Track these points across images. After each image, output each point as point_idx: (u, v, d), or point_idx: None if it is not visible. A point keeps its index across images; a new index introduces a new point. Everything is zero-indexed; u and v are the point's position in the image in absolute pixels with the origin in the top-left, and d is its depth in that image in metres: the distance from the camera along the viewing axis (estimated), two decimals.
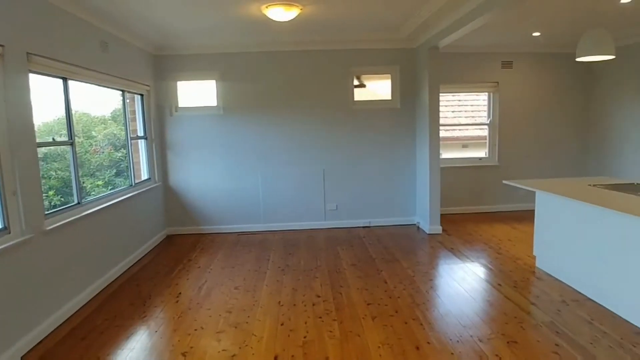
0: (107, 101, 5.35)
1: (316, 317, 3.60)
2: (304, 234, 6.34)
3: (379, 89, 6.62)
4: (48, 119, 4.16)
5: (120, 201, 4.88)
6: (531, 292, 4.00)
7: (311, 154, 6.51)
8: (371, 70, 6.53)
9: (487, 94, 7.24)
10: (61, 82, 3.97)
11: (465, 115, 7.46)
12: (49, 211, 3.71)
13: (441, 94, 6.09)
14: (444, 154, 7.12)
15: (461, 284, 4.25)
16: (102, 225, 4.50)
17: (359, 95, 6.54)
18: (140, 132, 5.89)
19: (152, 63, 6.09)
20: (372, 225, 6.67)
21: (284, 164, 6.49)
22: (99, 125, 5.31)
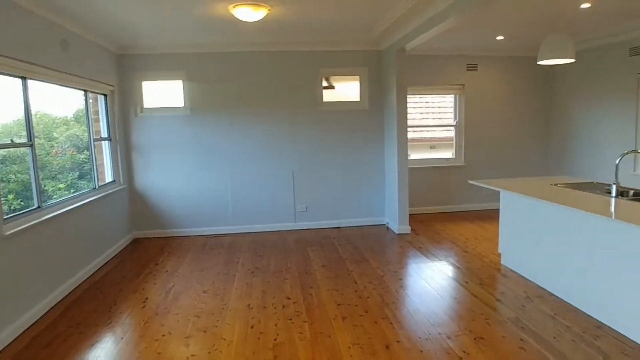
0: (70, 101, 5.18)
1: (286, 319, 3.58)
2: (273, 235, 6.31)
3: (347, 90, 6.66)
4: (6, 120, 4.00)
5: (83, 205, 4.73)
6: (497, 289, 4.09)
7: (280, 155, 6.48)
8: (340, 72, 6.56)
9: (453, 96, 7.39)
10: (20, 81, 3.83)
11: (433, 117, 7.59)
12: (8, 215, 3.57)
13: (409, 95, 6.18)
14: (412, 155, 7.22)
15: (429, 282, 4.31)
16: (65, 229, 4.35)
17: (328, 96, 6.56)
18: (104, 134, 5.73)
19: (116, 62, 5.94)
20: (342, 226, 6.69)
21: (253, 165, 6.44)
22: (60, 127, 5.14)
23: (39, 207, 4.00)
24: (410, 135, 6.71)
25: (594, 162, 6.61)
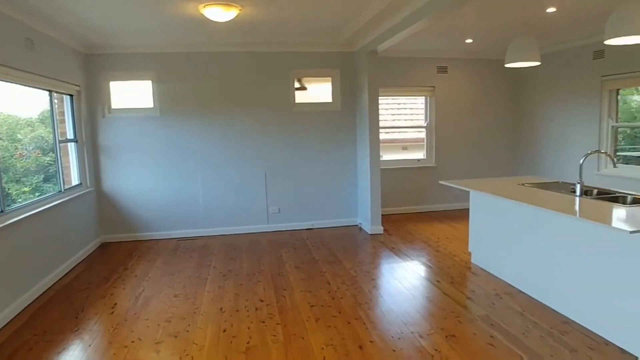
0: (34, 102, 5.02)
1: (259, 321, 3.56)
2: (246, 238, 6.26)
3: (320, 91, 6.66)
4: None
5: (48, 208, 4.59)
6: (467, 287, 4.17)
7: (253, 156, 6.44)
8: (312, 73, 6.57)
9: (424, 97, 7.49)
10: None
11: (405, 119, 7.68)
12: None
13: (381, 97, 6.23)
14: (385, 156, 7.28)
15: (402, 282, 4.36)
16: (29, 234, 4.21)
17: (300, 97, 6.55)
18: (70, 135, 5.57)
19: (82, 62, 5.78)
20: (315, 227, 6.70)
21: (224, 167, 6.37)
22: (25, 128, 4.97)
23: (2, 211, 3.85)
24: (382, 136, 6.77)
25: (560, 162, 6.81)
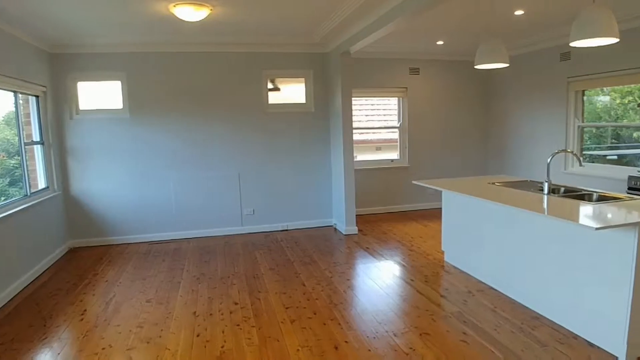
0: None
1: (234, 325, 3.52)
2: (220, 240, 6.19)
3: (293, 92, 6.65)
4: None
5: (14, 213, 4.43)
6: (441, 285, 4.22)
7: (226, 158, 6.37)
8: (285, 74, 6.54)
9: (397, 98, 7.56)
10: None
11: (378, 119, 7.73)
12: None
13: (354, 98, 6.27)
14: (359, 157, 7.32)
15: (377, 281, 4.38)
16: None
17: (273, 98, 6.53)
18: (37, 137, 5.40)
19: (48, 62, 5.61)
20: (290, 228, 6.68)
21: (197, 168, 6.29)
22: None
23: None
24: (356, 137, 6.80)
25: (529, 162, 6.98)
